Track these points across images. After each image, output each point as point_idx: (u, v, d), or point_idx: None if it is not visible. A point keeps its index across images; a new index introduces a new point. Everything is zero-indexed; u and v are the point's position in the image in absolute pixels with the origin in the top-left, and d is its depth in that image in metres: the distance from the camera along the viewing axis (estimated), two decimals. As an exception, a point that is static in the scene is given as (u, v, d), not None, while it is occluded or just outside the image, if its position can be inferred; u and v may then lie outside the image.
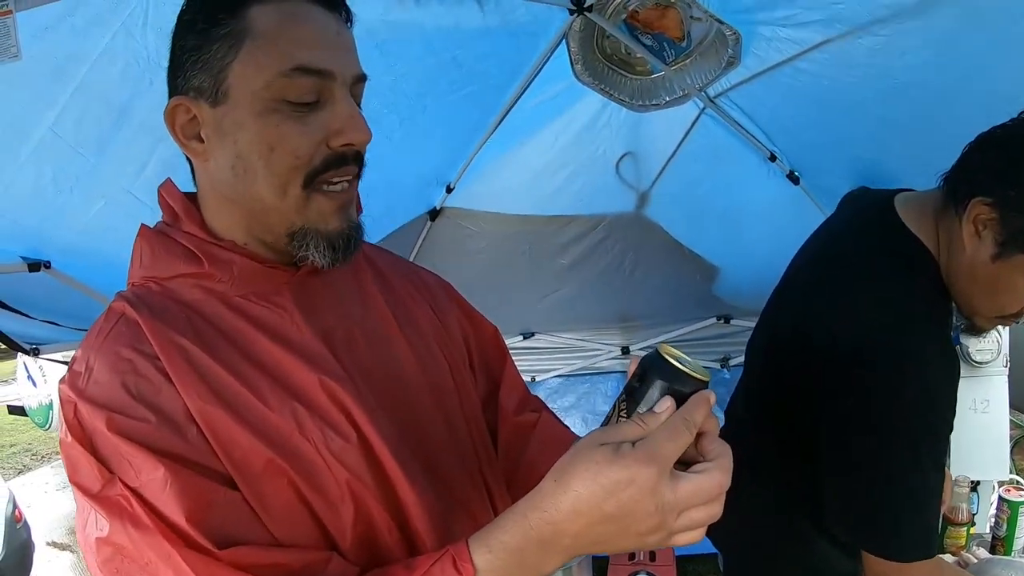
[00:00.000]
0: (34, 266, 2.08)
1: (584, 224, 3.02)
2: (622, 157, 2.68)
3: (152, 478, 0.75)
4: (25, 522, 4.17)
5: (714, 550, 1.87)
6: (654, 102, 2.32)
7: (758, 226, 2.87)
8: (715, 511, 0.71)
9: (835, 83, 2.06)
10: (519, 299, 3.42)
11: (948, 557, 1.90)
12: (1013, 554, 1.94)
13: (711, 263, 3.23)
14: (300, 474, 0.82)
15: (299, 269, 0.94)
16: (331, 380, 0.88)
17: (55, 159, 1.78)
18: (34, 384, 7.01)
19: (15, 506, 4.11)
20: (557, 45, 2.14)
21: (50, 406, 6.93)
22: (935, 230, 1.30)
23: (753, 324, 1.77)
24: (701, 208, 2.94)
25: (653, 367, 0.75)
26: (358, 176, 0.92)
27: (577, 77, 2.21)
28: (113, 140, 1.79)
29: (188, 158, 0.91)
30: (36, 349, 2.53)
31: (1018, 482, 1.99)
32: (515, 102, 2.33)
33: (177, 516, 0.73)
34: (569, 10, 1.97)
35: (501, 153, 2.59)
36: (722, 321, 3.68)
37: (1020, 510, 1.93)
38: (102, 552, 0.76)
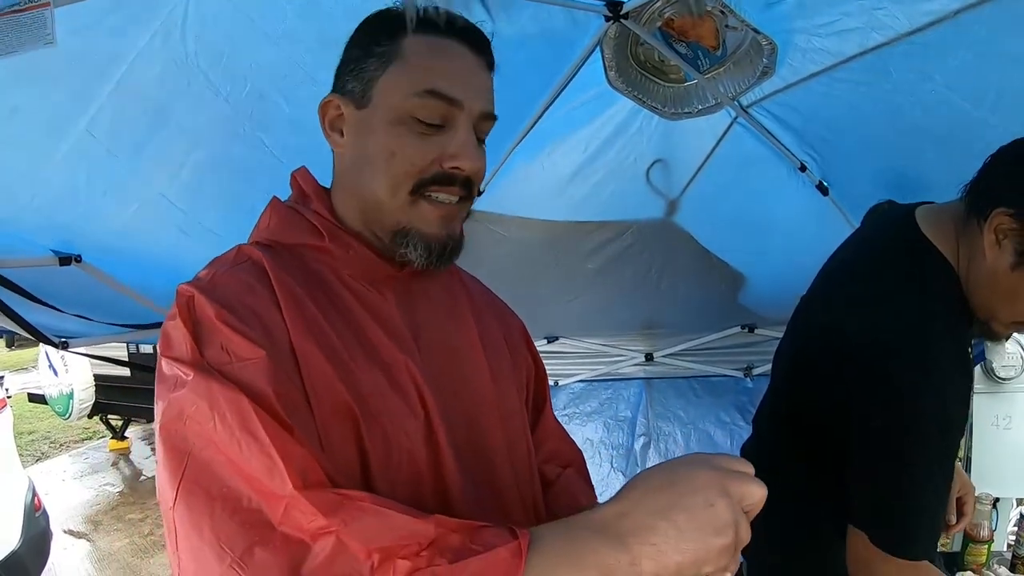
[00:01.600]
0: (65, 260, 2.09)
1: (612, 230, 3.00)
2: (653, 164, 2.66)
3: (250, 360, 0.82)
4: (44, 511, 4.21)
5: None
6: (686, 110, 2.31)
7: (786, 236, 2.85)
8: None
9: (871, 90, 2.04)
10: (545, 303, 3.41)
11: (969, 575, 1.89)
12: (1034, 573, 1.93)
13: (738, 271, 3.21)
14: (370, 426, 0.89)
15: (403, 269, 1.03)
16: (414, 365, 0.97)
17: (90, 160, 1.78)
18: (55, 373, 7.09)
19: (34, 495, 4.14)
20: (591, 52, 2.13)
21: (70, 395, 7.00)
22: (955, 239, 1.35)
23: (777, 334, 1.77)
24: (730, 217, 2.92)
25: None
26: (468, 199, 1.02)
27: (610, 84, 2.20)
28: (149, 143, 1.79)
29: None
30: (65, 343, 2.54)
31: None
32: (547, 108, 2.33)
33: (265, 389, 0.80)
34: (605, 17, 1.96)
35: (531, 158, 2.58)
36: (746, 330, 3.65)
37: (1042, 528, 1.92)
38: (168, 412, 0.82)
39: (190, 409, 0.79)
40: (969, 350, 1.42)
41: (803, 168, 2.61)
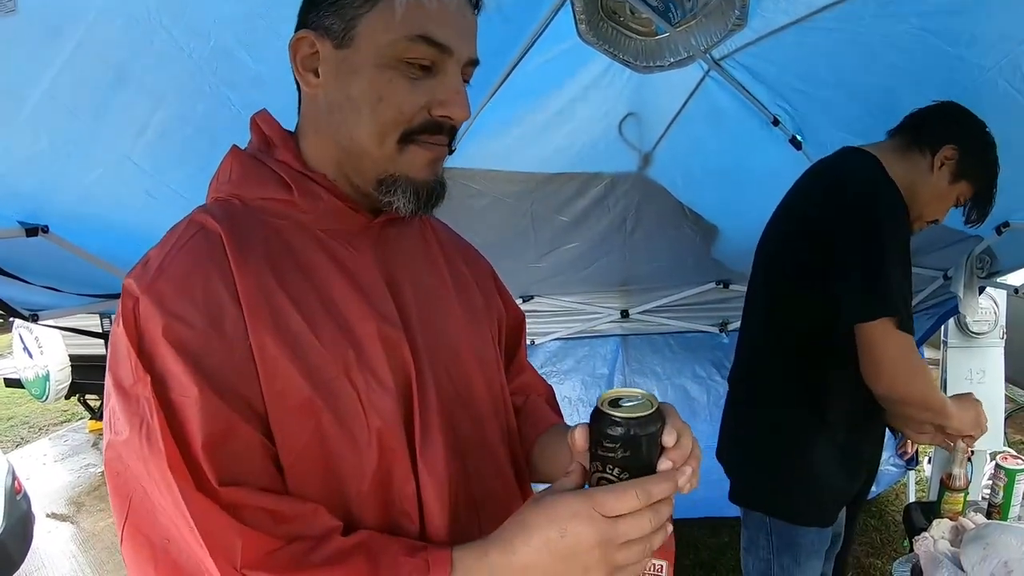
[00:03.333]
0: (31, 231, 2.04)
1: (586, 181, 3.01)
2: (625, 118, 2.67)
3: (184, 397, 0.79)
4: (25, 493, 4.17)
5: (704, 514, 2.23)
6: (658, 63, 2.30)
7: (759, 190, 2.82)
8: (655, 541, 0.78)
9: (845, 35, 2.05)
10: (520, 260, 3.41)
11: (946, 523, 1.93)
12: (1009, 520, 1.97)
13: (712, 224, 3.23)
14: (334, 413, 0.87)
15: (377, 218, 1.00)
16: (389, 327, 0.94)
17: (52, 124, 1.73)
18: (30, 356, 6.99)
19: (14, 478, 4.09)
20: (562, 4, 2.11)
21: (46, 377, 6.91)
22: (891, 161, 1.83)
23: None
24: (703, 171, 2.94)
25: (596, 426, 0.80)
26: (448, 146, 0.99)
27: (581, 37, 2.18)
28: (111, 104, 1.74)
29: (298, 89, 0.99)
30: (35, 315, 2.49)
31: (1013, 452, 2.04)
32: (519, 61, 2.31)
33: (194, 439, 0.78)
34: (575, -33, 1.94)
35: (504, 113, 2.55)
36: (721, 286, 3.69)
37: (1017, 477, 1.98)
38: (109, 452, 0.82)
39: (128, 459, 0.80)
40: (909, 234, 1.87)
41: (776, 122, 2.62)
